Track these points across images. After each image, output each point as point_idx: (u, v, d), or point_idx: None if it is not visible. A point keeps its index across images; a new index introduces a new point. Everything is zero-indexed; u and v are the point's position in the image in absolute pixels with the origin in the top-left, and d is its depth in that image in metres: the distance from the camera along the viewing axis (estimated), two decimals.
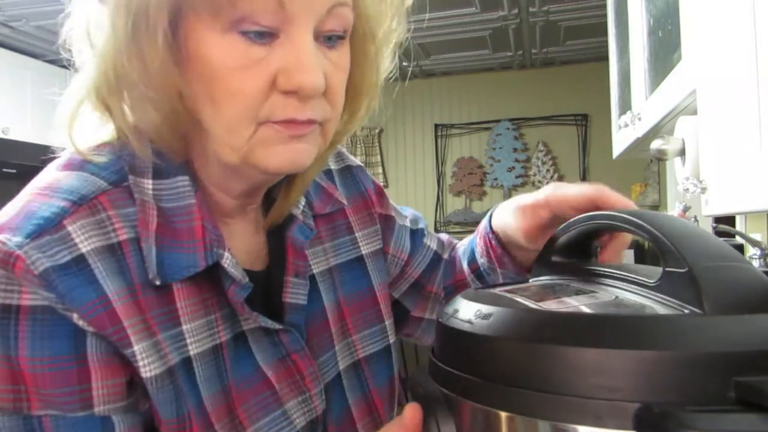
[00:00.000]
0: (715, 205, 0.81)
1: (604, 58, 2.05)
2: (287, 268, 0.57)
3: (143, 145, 0.49)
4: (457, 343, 0.39)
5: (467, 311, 0.40)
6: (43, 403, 0.43)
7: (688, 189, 0.87)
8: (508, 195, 4.29)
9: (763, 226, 1.64)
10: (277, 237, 0.58)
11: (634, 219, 0.42)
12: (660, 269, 0.38)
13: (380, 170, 4.51)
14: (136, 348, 0.45)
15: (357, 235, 0.66)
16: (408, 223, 0.72)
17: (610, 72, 1.89)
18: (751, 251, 1.52)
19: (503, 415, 0.34)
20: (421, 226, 0.74)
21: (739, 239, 1.61)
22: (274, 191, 0.58)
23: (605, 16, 1.96)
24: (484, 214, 0.70)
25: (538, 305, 0.38)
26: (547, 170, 4.23)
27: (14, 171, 2.88)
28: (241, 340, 0.52)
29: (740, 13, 0.70)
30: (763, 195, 0.65)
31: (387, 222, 0.69)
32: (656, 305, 0.36)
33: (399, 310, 0.71)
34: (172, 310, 0.48)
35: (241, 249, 0.55)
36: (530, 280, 0.51)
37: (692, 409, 0.28)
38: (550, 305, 0.38)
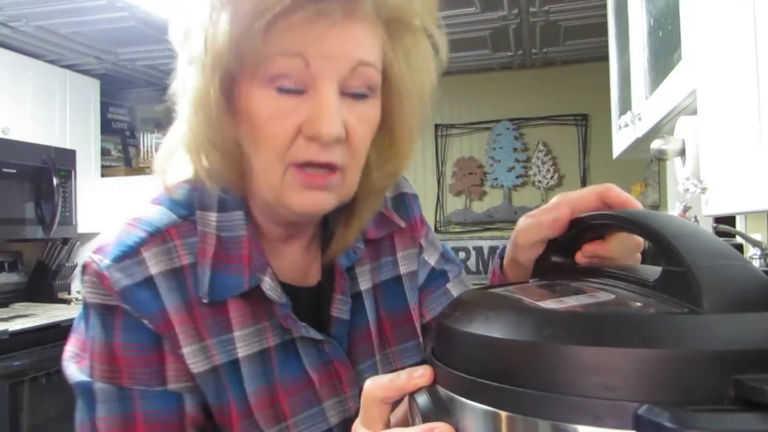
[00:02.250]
0: (715, 205, 0.81)
1: (604, 58, 2.05)
2: (335, 287, 0.66)
3: (212, 183, 0.59)
4: (455, 342, 0.39)
5: (467, 311, 0.40)
6: (131, 380, 0.57)
7: (688, 189, 0.87)
8: (508, 195, 4.28)
9: (763, 226, 1.64)
10: (329, 263, 0.67)
11: (634, 218, 0.42)
12: (658, 268, 0.38)
13: None
14: (185, 351, 0.58)
15: (398, 256, 0.73)
16: (433, 261, 0.76)
17: (610, 72, 1.89)
18: (751, 251, 1.51)
19: (503, 414, 0.34)
20: (445, 267, 0.77)
21: (738, 239, 1.60)
22: (331, 222, 0.67)
23: (605, 16, 1.96)
24: (485, 214, 0.70)
25: (537, 305, 0.38)
26: (547, 170, 4.23)
27: (14, 171, 2.88)
28: (291, 345, 0.62)
29: (740, 13, 0.69)
30: (763, 195, 0.65)
31: (420, 249, 0.76)
32: (656, 304, 0.36)
33: None
34: (226, 319, 0.60)
35: (292, 268, 0.66)
36: (530, 281, 0.51)
37: (692, 408, 0.28)
38: (550, 304, 0.38)
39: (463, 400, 0.37)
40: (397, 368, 0.65)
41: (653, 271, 0.39)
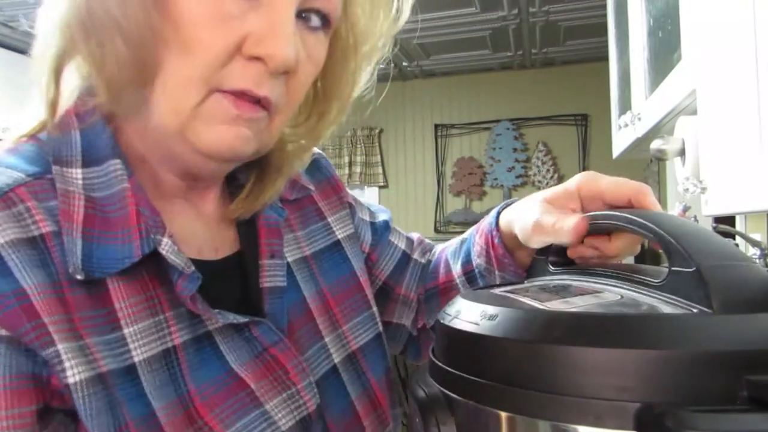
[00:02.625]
0: (715, 205, 0.81)
1: (604, 58, 2.05)
2: (261, 252, 0.53)
3: (102, 88, 0.44)
4: (457, 343, 0.39)
5: (469, 312, 0.40)
6: None
7: (688, 189, 0.87)
8: (508, 195, 4.28)
9: (763, 226, 1.64)
10: (248, 224, 0.55)
11: (638, 219, 0.41)
12: (662, 269, 0.38)
13: (380, 170, 4.51)
14: (60, 347, 0.39)
15: (329, 220, 0.63)
16: (368, 216, 0.69)
17: (610, 72, 1.89)
18: (751, 251, 1.51)
19: (503, 415, 0.34)
20: (383, 218, 0.71)
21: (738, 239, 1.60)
22: (239, 177, 0.56)
23: (605, 16, 1.96)
24: (485, 214, 0.69)
25: (544, 305, 0.38)
26: (547, 170, 4.23)
27: None
28: (207, 341, 0.47)
29: (740, 13, 0.70)
30: (763, 195, 0.65)
31: (350, 209, 0.67)
32: (662, 305, 0.36)
33: None
34: (110, 312, 0.43)
35: (196, 235, 0.51)
36: (526, 281, 0.51)
37: (694, 408, 0.28)
38: (557, 305, 0.38)
39: (464, 400, 0.37)
40: (354, 350, 0.58)
41: (657, 272, 0.39)
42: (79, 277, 0.41)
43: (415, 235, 0.74)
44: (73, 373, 0.40)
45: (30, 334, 0.39)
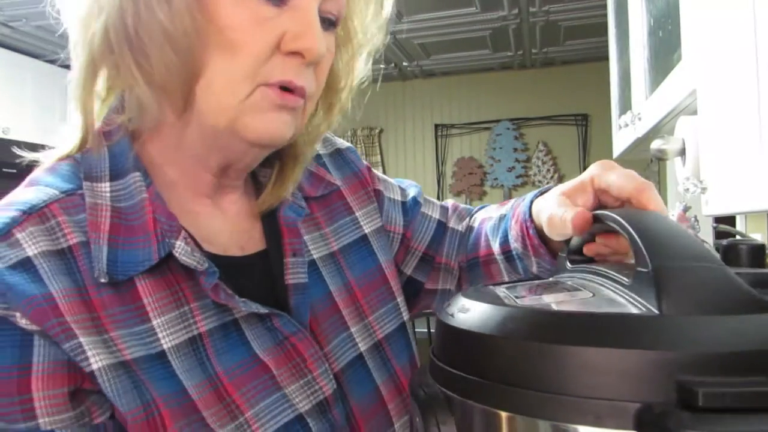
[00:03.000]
0: (715, 205, 0.81)
1: (604, 58, 2.05)
2: (284, 251, 0.57)
3: (145, 94, 0.49)
4: (456, 342, 0.39)
5: (468, 310, 0.40)
6: None
7: (688, 189, 0.87)
8: (508, 195, 4.28)
9: (763, 226, 1.64)
10: (271, 224, 0.58)
11: (615, 216, 0.42)
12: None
13: (380, 170, 4.52)
14: (83, 340, 0.44)
15: (357, 214, 0.66)
16: (399, 196, 0.72)
17: (610, 72, 1.89)
18: None
19: (503, 415, 0.34)
20: (412, 195, 0.73)
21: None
22: (260, 176, 0.60)
23: (605, 16, 1.96)
24: None
25: (519, 302, 0.39)
26: (548, 170, 4.23)
27: (14, 171, 2.88)
28: (233, 327, 0.51)
29: (740, 13, 0.70)
30: (763, 195, 0.65)
31: (378, 197, 0.70)
32: (624, 304, 0.37)
33: (413, 285, 0.71)
34: (138, 306, 0.48)
35: (223, 233, 0.55)
36: (551, 278, 0.52)
37: (693, 409, 0.28)
38: (526, 301, 0.39)
39: (462, 399, 0.37)
40: (380, 339, 0.61)
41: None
42: (103, 280, 0.46)
43: (449, 202, 0.77)
44: (95, 361, 0.44)
45: (55, 328, 0.43)
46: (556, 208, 0.51)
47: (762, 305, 0.33)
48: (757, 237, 1.57)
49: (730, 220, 1.74)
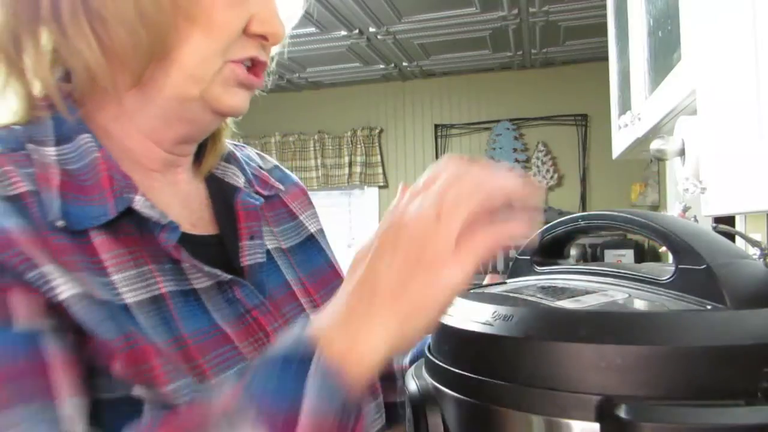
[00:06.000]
0: (715, 205, 0.81)
1: (604, 58, 2.05)
2: (240, 234, 0.57)
3: (100, 69, 0.49)
4: (448, 339, 0.40)
5: (464, 310, 0.40)
6: None
7: (688, 189, 0.87)
8: None
9: (763, 226, 1.64)
10: (223, 209, 0.59)
11: (640, 219, 0.42)
12: (665, 267, 0.39)
13: (380, 170, 4.51)
14: (44, 269, 0.41)
15: (301, 218, 0.68)
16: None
17: (610, 72, 1.89)
18: (750, 251, 1.51)
19: (479, 405, 0.35)
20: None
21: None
22: (202, 150, 0.61)
23: (605, 16, 1.96)
24: None
25: (557, 304, 0.38)
26: (547, 170, 4.23)
27: None
28: (192, 296, 0.50)
29: (740, 13, 0.70)
30: (763, 195, 0.65)
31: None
32: (673, 302, 0.36)
33: None
34: (97, 261, 0.45)
35: (175, 206, 0.55)
36: (508, 281, 0.51)
37: (653, 402, 0.29)
38: (568, 304, 0.38)
39: (449, 392, 0.38)
40: None
41: (659, 270, 0.40)
42: (59, 223, 0.44)
43: None
44: (62, 290, 0.41)
45: (14, 258, 0.41)
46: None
47: None
48: (757, 237, 1.57)
49: (730, 220, 1.74)
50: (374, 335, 0.37)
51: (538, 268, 0.51)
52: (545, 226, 0.50)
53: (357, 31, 3.33)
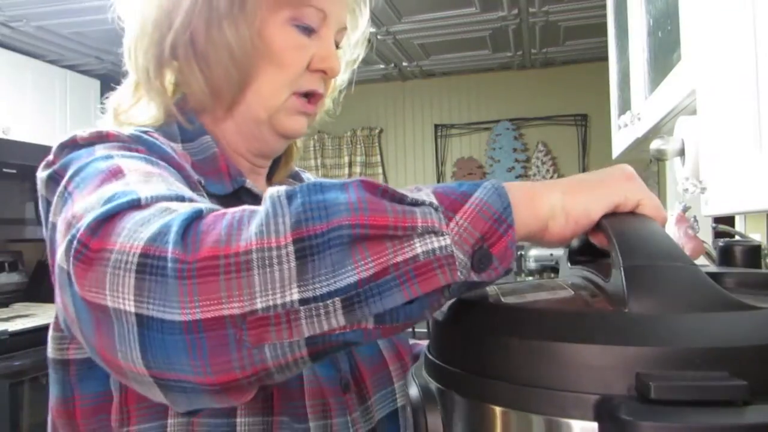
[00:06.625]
0: (714, 205, 0.82)
1: (604, 58, 2.05)
2: None
3: (202, 96, 0.65)
4: (444, 338, 0.40)
5: (464, 309, 0.40)
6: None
7: (687, 189, 0.87)
8: None
9: (763, 226, 1.64)
10: None
11: (602, 221, 0.43)
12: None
13: (380, 170, 4.51)
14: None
15: None
16: None
17: (610, 72, 1.90)
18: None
19: (476, 404, 0.35)
20: None
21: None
22: (275, 167, 0.76)
23: (605, 16, 1.96)
24: None
25: (502, 301, 0.40)
26: (547, 170, 4.23)
27: (14, 171, 2.87)
28: None
29: (740, 13, 0.70)
30: (763, 195, 0.65)
31: None
32: (600, 302, 0.38)
33: None
34: None
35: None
36: (518, 278, 0.53)
37: (650, 401, 0.29)
38: (510, 300, 0.40)
39: (448, 391, 0.39)
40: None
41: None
42: (198, 178, 0.60)
43: None
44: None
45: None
46: None
47: (729, 304, 0.33)
48: (756, 237, 1.57)
49: (729, 220, 1.74)
50: (550, 195, 0.43)
51: (570, 266, 0.53)
52: None
53: None
